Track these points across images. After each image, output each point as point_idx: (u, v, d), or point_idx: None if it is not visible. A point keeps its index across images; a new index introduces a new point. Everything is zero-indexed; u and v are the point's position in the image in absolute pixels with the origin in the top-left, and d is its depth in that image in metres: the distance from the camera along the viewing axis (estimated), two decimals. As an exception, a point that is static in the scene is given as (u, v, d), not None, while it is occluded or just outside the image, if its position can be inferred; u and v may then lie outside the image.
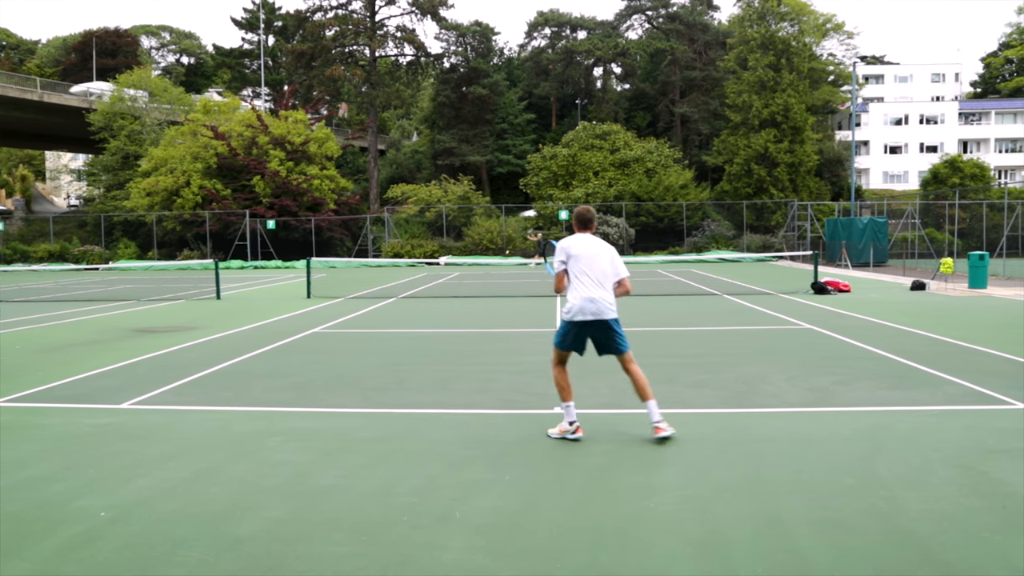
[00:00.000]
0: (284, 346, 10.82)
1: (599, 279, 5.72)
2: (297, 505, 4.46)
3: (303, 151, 43.01)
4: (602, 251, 5.85)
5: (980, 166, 46.38)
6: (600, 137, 47.41)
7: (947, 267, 21.96)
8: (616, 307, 5.80)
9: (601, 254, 5.82)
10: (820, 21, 56.57)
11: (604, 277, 5.75)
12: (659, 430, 5.65)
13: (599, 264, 5.75)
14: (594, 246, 5.85)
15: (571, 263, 5.77)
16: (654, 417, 5.71)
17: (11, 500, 4.58)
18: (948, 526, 4.06)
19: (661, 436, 5.63)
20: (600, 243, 5.91)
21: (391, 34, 54.02)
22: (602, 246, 5.90)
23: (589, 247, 5.83)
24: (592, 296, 5.65)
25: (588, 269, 5.71)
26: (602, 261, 5.77)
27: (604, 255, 5.83)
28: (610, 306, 5.72)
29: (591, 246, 5.84)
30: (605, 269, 5.77)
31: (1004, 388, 7.37)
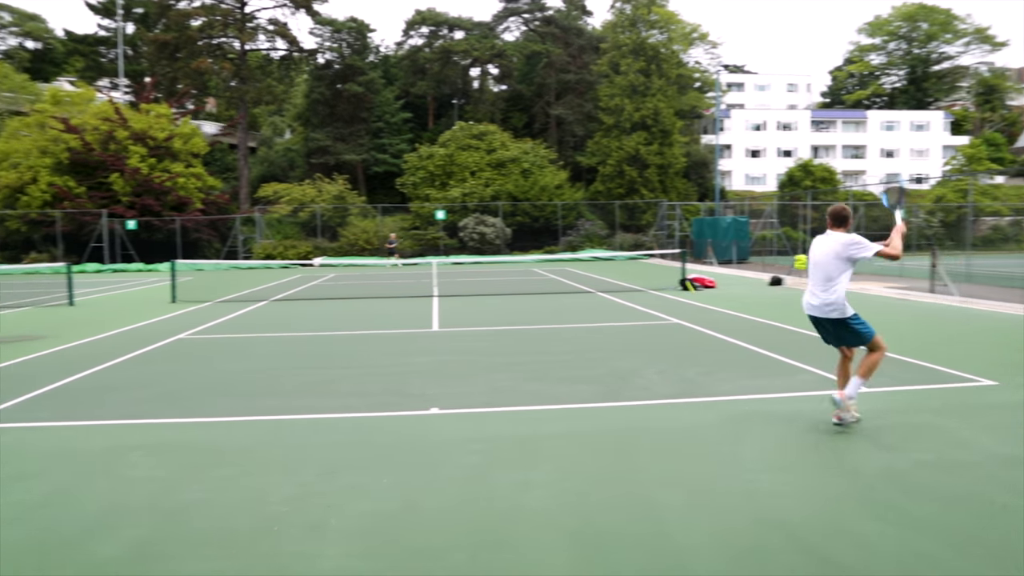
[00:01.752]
0: (146, 354, 10.24)
1: (822, 277, 5.96)
2: (161, 522, 4.23)
3: (167, 147, 40.83)
4: (825, 249, 5.96)
5: (829, 170, 49.77)
6: (477, 137, 47.60)
7: (801, 263, 23.43)
8: (840, 306, 5.88)
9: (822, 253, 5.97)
10: (687, 30, 59.12)
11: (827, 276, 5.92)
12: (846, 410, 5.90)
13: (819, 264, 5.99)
14: (821, 246, 6.02)
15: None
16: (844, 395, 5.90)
17: None
18: (804, 504, 4.33)
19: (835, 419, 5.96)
20: (834, 239, 5.94)
21: (262, 27, 52.16)
22: (833, 243, 5.93)
23: (816, 247, 6.07)
24: (812, 293, 6.05)
25: (814, 267, 6.04)
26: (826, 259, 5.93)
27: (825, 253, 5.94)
28: (828, 307, 5.92)
29: (818, 246, 6.05)
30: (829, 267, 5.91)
31: (851, 376, 7.95)
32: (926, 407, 6.61)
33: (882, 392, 7.19)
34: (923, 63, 75.11)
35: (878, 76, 78.64)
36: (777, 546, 3.79)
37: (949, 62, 75.31)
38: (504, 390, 7.58)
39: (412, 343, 10.95)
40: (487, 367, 8.88)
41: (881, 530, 3.96)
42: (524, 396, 7.27)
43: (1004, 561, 3.60)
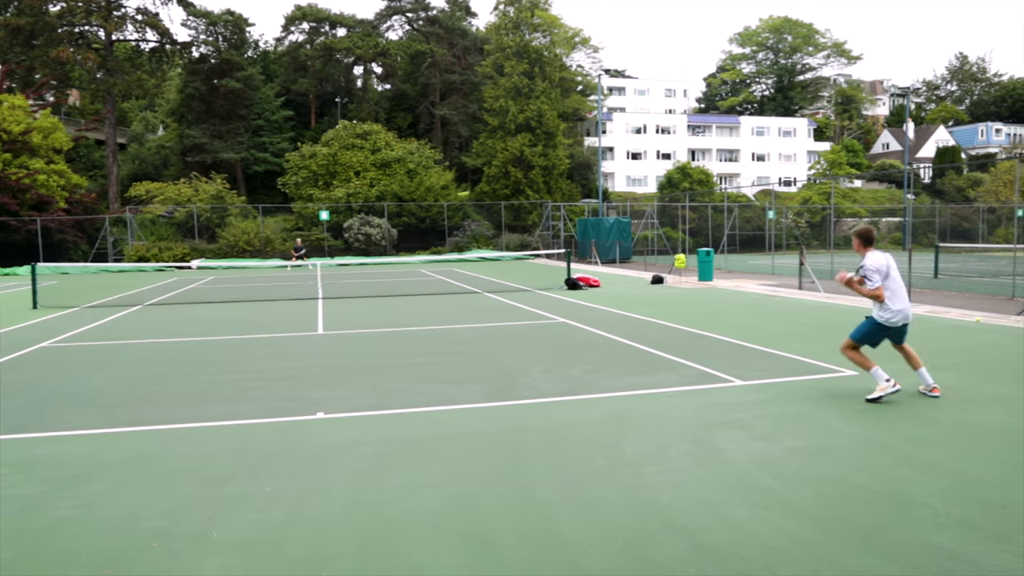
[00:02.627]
0: (5, 364, 9.53)
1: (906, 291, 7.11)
2: (25, 543, 3.96)
3: (24, 142, 38.05)
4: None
5: (705, 173, 52.02)
6: (361, 137, 46.89)
7: (680, 263, 24.34)
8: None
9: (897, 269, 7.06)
10: (569, 34, 60.36)
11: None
12: (936, 390, 6.98)
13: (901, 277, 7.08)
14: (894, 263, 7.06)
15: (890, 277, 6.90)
16: (927, 381, 7.01)
17: None
18: (684, 494, 4.52)
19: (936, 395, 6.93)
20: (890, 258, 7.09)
21: (130, 16, 49.42)
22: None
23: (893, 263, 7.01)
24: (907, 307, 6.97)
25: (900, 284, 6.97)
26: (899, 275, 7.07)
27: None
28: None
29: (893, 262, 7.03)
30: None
31: (727, 367, 8.35)
32: (796, 397, 7.02)
33: (757, 384, 7.58)
34: (789, 73, 79.75)
35: (749, 84, 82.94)
36: (658, 536, 3.94)
37: (812, 73, 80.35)
38: (393, 392, 7.52)
39: (296, 346, 10.68)
40: (375, 369, 8.78)
41: (755, 515, 4.19)
42: (413, 397, 7.24)
43: (870, 537, 3.88)
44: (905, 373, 7.28)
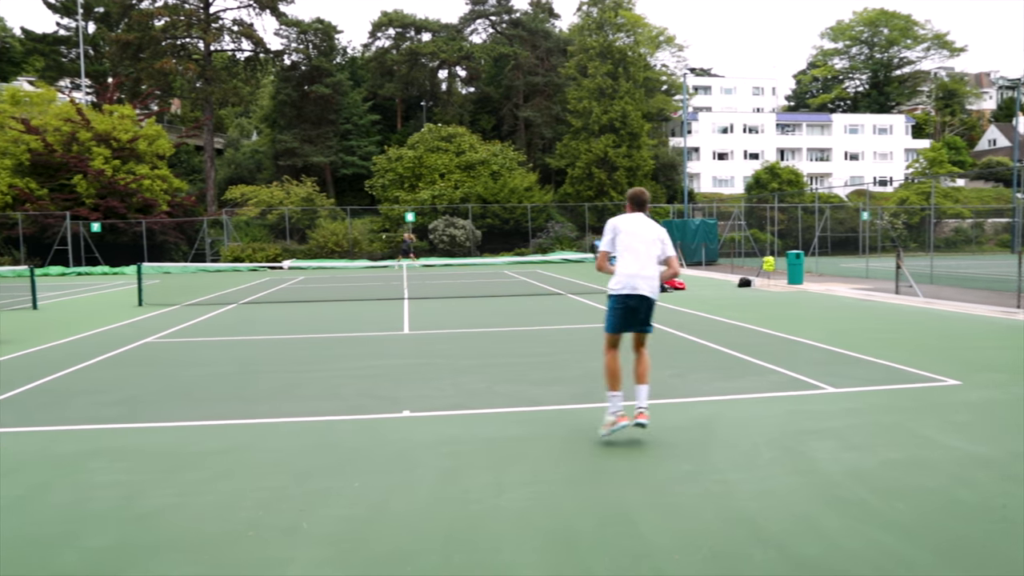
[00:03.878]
0: (112, 359, 10.06)
1: (644, 257, 5.72)
2: (128, 529, 4.15)
3: (131, 149, 40.16)
4: (649, 230, 5.80)
5: (795, 173, 50.50)
6: (446, 139, 47.53)
7: (769, 265, 23.71)
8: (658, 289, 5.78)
9: (647, 233, 5.78)
10: (654, 33, 59.65)
11: (650, 256, 5.74)
12: (641, 415, 5.64)
13: (645, 242, 5.74)
14: (641, 225, 5.82)
15: (618, 238, 5.77)
16: (641, 403, 5.69)
17: None
18: (773, 503, 4.38)
19: (640, 423, 5.62)
20: (649, 222, 5.87)
21: (227, 28, 51.59)
22: (650, 225, 5.84)
23: (636, 226, 5.80)
24: (638, 272, 5.66)
25: (635, 246, 5.72)
26: (648, 240, 5.76)
27: (651, 234, 5.79)
28: (655, 287, 5.73)
29: (638, 225, 5.81)
30: (650, 249, 5.75)
31: (819, 375, 8.07)
32: (893, 407, 6.72)
33: (850, 392, 7.30)
34: (885, 67, 76.55)
35: (841, 80, 80.00)
36: (746, 546, 3.83)
37: (910, 67, 76.86)
38: (476, 392, 7.58)
39: (383, 346, 10.89)
40: (459, 369, 8.87)
41: (849, 528, 4.03)
42: (497, 398, 7.27)
43: (970, 556, 3.68)
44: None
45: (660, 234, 5.85)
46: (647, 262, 5.72)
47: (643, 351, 5.85)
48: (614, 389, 5.69)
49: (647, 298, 5.69)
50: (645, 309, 5.74)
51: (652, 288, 5.71)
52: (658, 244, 5.80)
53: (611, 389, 5.70)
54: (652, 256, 5.76)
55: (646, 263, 5.72)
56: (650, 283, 5.70)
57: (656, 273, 5.77)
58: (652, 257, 5.76)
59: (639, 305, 5.70)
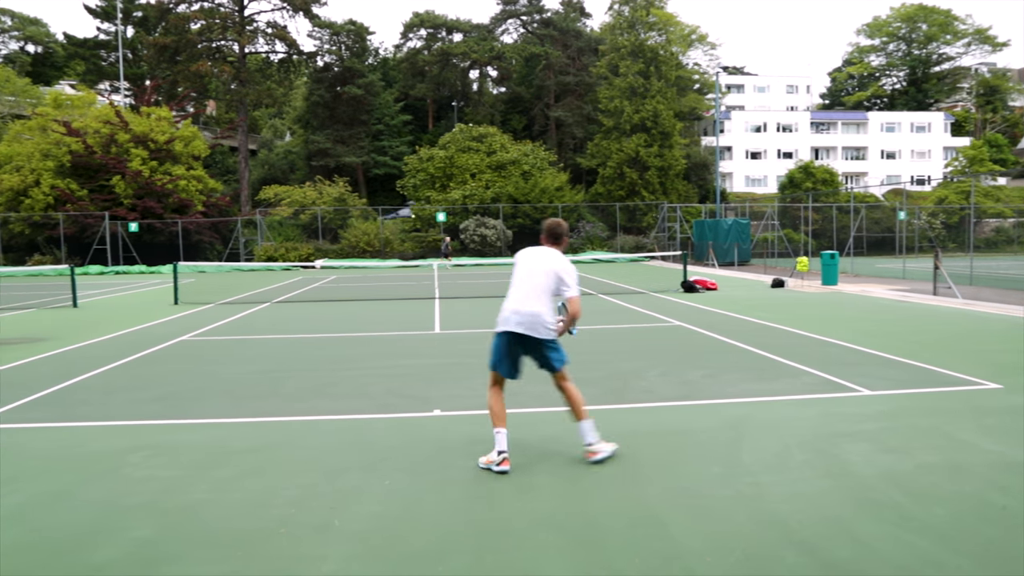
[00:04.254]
0: (149, 356, 10.25)
1: (532, 292, 5.20)
2: (165, 523, 4.23)
3: (168, 150, 40.86)
4: (548, 264, 5.28)
5: (830, 172, 49.79)
6: (477, 139, 47.64)
7: (803, 265, 23.43)
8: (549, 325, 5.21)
9: (539, 267, 5.27)
10: (685, 32, 59.16)
11: (540, 291, 5.20)
12: (591, 454, 5.24)
13: (533, 277, 5.24)
14: (540, 258, 5.33)
15: (513, 272, 5.39)
16: (586, 440, 5.28)
17: None
18: (805, 506, 4.34)
19: (594, 460, 5.21)
20: (551, 256, 5.34)
21: (261, 30, 52.24)
22: (550, 260, 5.31)
23: (535, 258, 5.34)
24: (519, 308, 5.18)
25: (524, 279, 5.26)
26: (541, 274, 5.24)
27: (543, 269, 5.26)
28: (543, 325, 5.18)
29: (537, 258, 5.34)
30: (540, 284, 5.22)
31: (853, 376, 7.96)
32: (930, 410, 6.61)
33: (885, 395, 7.19)
34: (923, 64, 75.11)
35: (878, 77, 78.66)
36: (778, 549, 3.79)
37: (949, 63, 75.28)
38: (508, 393, 7.57)
39: (414, 345, 10.95)
40: (489, 369, 8.88)
41: (883, 532, 3.97)
42: (527, 398, 7.28)
43: (1008, 563, 3.61)
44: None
45: (558, 268, 5.23)
46: (529, 297, 5.19)
47: (566, 385, 5.32)
48: (496, 426, 5.18)
49: (527, 337, 5.17)
50: (536, 351, 5.25)
51: (531, 326, 5.15)
52: (551, 277, 5.22)
53: (494, 426, 5.20)
54: (539, 291, 5.19)
55: (527, 298, 5.19)
56: (533, 320, 5.15)
57: (542, 310, 5.17)
58: (539, 292, 5.19)
59: (520, 345, 5.22)
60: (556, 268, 5.24)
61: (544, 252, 5.38)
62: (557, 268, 5.24)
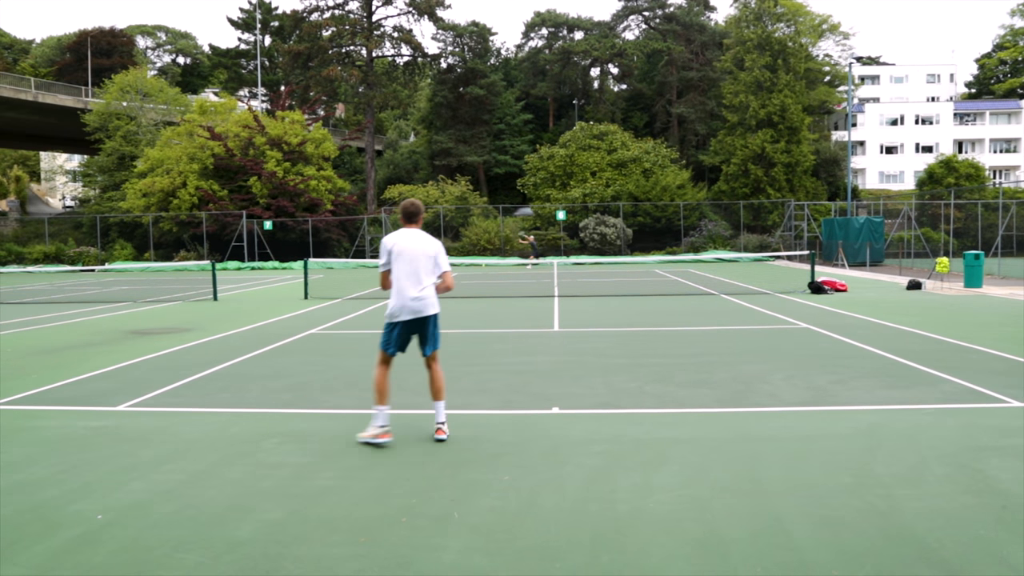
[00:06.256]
0: (281, 347, 10.80)
1: (420, 276, 5.68)
2: (295, 507, 4.45)
3: (300, 152, 42.95)
4: (423, 246, 5.74)
5: (975, 166, 46.46)
6: (597, 137, 47.42)
7: (943, 266, 22.00)
8: (437, 303, 5.79)
9: (420, 250, 5.72)
10: (816, 22, 56.61)
11: (425, 273, 5.70)
12: (440, 432, 5.77)
13: (418, 260, 5.69)
14: (415, 241, 5.74)
15: (394, 261, 5.72)
16: (439, 418, 5.82)
17: (5, 503, 4.56)
18: (944, 524, 4.07)
19: (439, 438, 5.74)
20: (423, 238, 5.79)
21: (388, 34, 53.99)
22: (424, 241, 5.77)
23: (410, 243, 5.73)
24: (414, 295, 5.65)
25: (410, 266, 5.67)
26: (422, 257, 5.70)
27: (423, 251, 5.72)
28: (432, 303, 5.73)
29: (412, 241, 5.74)
30: (425, 265, 5.70)
31: (999, 386, 7.39)
32: (1088, 423, 6.05)
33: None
34: (1087, 48, 68.84)
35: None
36: (914, 568, 3.57)
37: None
38: (625, 391, 7.52)
39: (533, 343, 11.03)
40: (608, 368, 8.84)
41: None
42: (646, 399, 7.19)
43: None
44: None
45: (434, 249, 5.76)
46: (421, 281, 5.68)
47: (435, 367, 5.89)
48: (379, 403, 5.71)
49: (424, 318, 5.70)
50: (424, 328, 5.76)
51: (426, 306, 5.68)
52: (431, 261, 5.73)
53: (376, 403, 5.72)
54: (427, 273, 5.71)
55: (420, 282, 5.67)
56: (424, 303, 5.67)
57: (431, 291, 5.74)
58: (427, 275, 5.71)
59: (415, 327, 5.74)
60: (434, 250, 5.77)
61: (419, 235, 5.80)
62: (435, 250, 5.78)
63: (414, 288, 5.65)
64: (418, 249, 5.71)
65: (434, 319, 5.78)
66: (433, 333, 5.81)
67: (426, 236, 5.83)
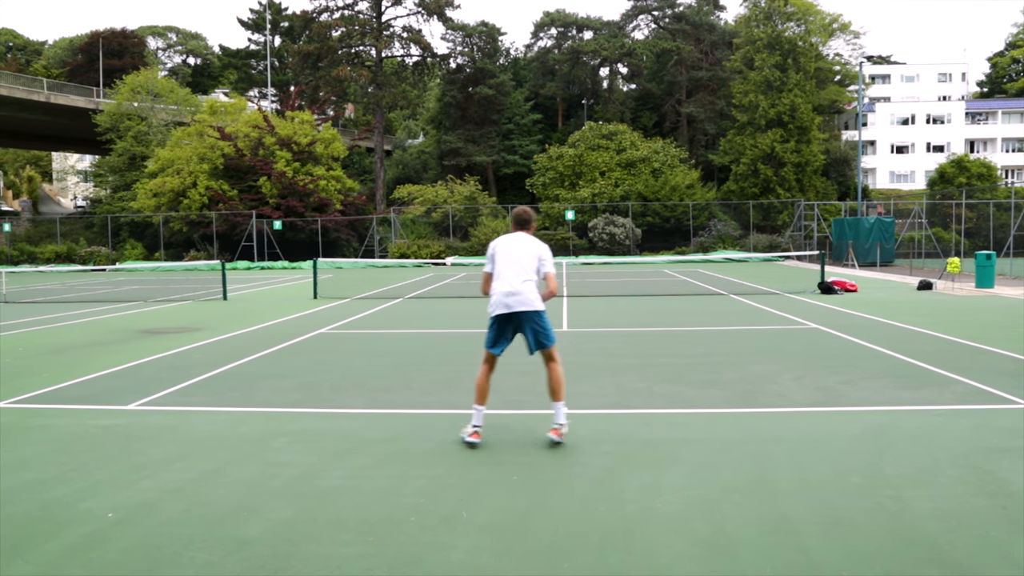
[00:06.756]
0: (291, 347, 10.83)
1: (516, 272, 5.67)
2: (303, 506, 4.46)
3: (309, 152, 43.08)
4: (526, 247, 5.79)
5: (987, 166, 46.16)
6: (606, 137, 47.35)
7: (954, 267, 21.87)
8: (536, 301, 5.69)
9: (521, 249, 5.77)
10: (826, 21, 56.33)
11: (522, 270, 5.68)
12: (556, 432, 5.66)
13: (518, 259, 5.71)
14: (518, 243, 5.81)
15: (496, 262, 5.79)
16: (557, 419, 5.71)
17: (15, 502, 4.59)
18: (955, 525, 4.04)
19: (554, 439, 5.64)
20: (527, 240, 5.85)
21: (397, 35, 54.08)
22: (528, 242, 5.82)
23: (513, 244, 5.80)
24: (507, 290, 5.63)
25: (507, 265, 5.70)
26: (523, 256, 5.73)
27: (525, 250, 5.76)
28: (527, 300, 5.65)
29: (515, 243, 5.81)
30: (524, 263, 5.71)
31: (1011, 387, 7.34)
32: (1101, 425, 6.00)
33: (1048, 407, 6.60)
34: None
35: (1046, 62, 72.19)
36: (924, 569, 3.55)
37: None
38: (634, 392, 7.51)
39: (540, 343, 11.00)
40: (617, 368, 8.82)
41: (1047, 556, 3.64)
42: (655, 399, 7.17)
43: None
44: None
45: (537, 251, 5.78)
46: (517, 277, 5.67)
47: (551, 365, 5.79)
48: (476, 403, 5.77)
49: (517, 313, 5.65)
50: (521, 325, 5.70)
51: (519, 302, 5.62)
52: (534, 260, 5.75)
53: (474, 402, 5.78)
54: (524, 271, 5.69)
55: (515, 278, 5.67)
56: (517, 298, 5.62)
57: (528, 288, 5.68)
58: (524, 272, 5.69)
59: (511, 323, 5.71)
60: (537, 252, 5.79)
61: (524, 238, 5.88)
62: (538, 252, 5.80)
63: (508, 284, 5.65)
64: (520, 249, 5.78)
65: (531, 316, 5.69)
66: (533, 330, 5.72)
67: (532, 239, 5.88)
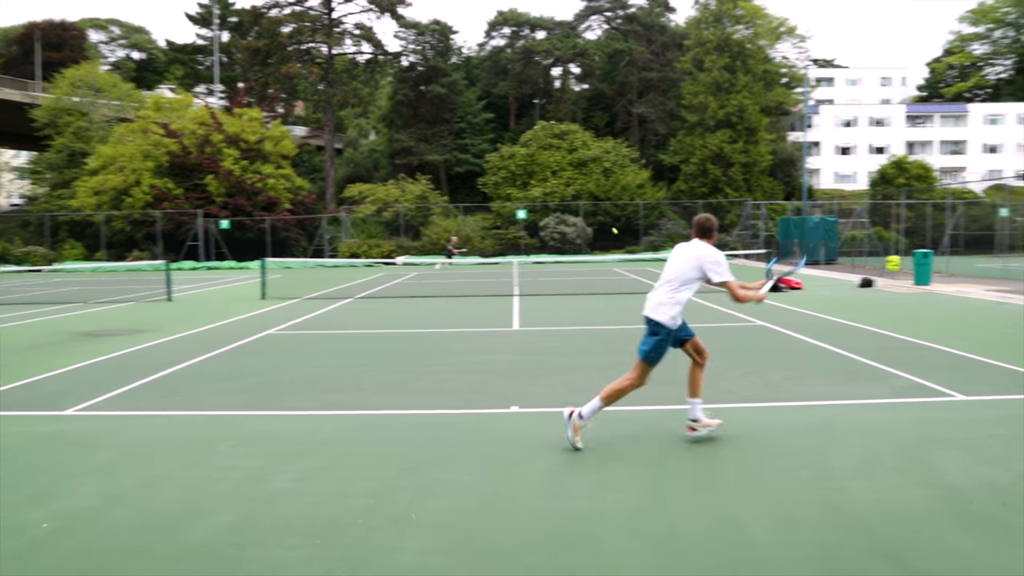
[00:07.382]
0: (238, 348, 10.63)
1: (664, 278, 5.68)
2: (249, 510, 4.38)
3: (258, 150, 42.35)
4: (683, 254, 5.69)
5: (925, 167, 47.59)
6: (558, 137, 47.55)
7: (893, 264, 22.52)
8: (662, 309, 5.54)
9: (678, 256, 5.70)
10: (774, 25, 57.43)
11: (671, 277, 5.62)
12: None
13: (670, 265, 5.71)
14: (684, 249, 5.75)
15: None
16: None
17: (-51, 510, 4.41)
18: (897, 515, 4.15)
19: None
20: (693, 247, 5.69)
21: (349, 32, 53.48)
22: (691, 249, 5.68)
23: (680, 250, 5.77)
24: (650, 295, 5.73)
25: (665, 270, 5.74)
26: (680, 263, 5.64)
27: (682, 258, 5.66)
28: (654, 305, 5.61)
29: (682, 249, 5.77)
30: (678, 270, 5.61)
31: (946, 381, 7.58)
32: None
33: (983, 401, 6.83)
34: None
35: (981, 67, 74.67)
36: (866, 559, 3.64)
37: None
38: (584, 390, 7.54)
39: (493, 341, 11.01)
40: (567, 367, 8.86)
41: (980, 544, 3.76)
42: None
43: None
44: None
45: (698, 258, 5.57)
46: (657, 284, 5.71)
47: (627, 374, 5.81)
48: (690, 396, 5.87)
49: (645, 317, 5.67)
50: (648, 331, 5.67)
51: (648, 306, 5.66)
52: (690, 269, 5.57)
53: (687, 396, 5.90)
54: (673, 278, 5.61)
55: (659, 284, 5.70)
56: (649, 303, 5.68)
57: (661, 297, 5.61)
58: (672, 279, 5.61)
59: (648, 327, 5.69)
60: (699, 259, 5.58)
61: (689, 246, 5.77)
62: (700, 259, 5.58)
63: (655, 290, 5.70)
64: (677, 256, 5.71)
65: (649, 321, 5.64)
66: (647, 337, 5.67)
67: (698, 246, 5.68)
